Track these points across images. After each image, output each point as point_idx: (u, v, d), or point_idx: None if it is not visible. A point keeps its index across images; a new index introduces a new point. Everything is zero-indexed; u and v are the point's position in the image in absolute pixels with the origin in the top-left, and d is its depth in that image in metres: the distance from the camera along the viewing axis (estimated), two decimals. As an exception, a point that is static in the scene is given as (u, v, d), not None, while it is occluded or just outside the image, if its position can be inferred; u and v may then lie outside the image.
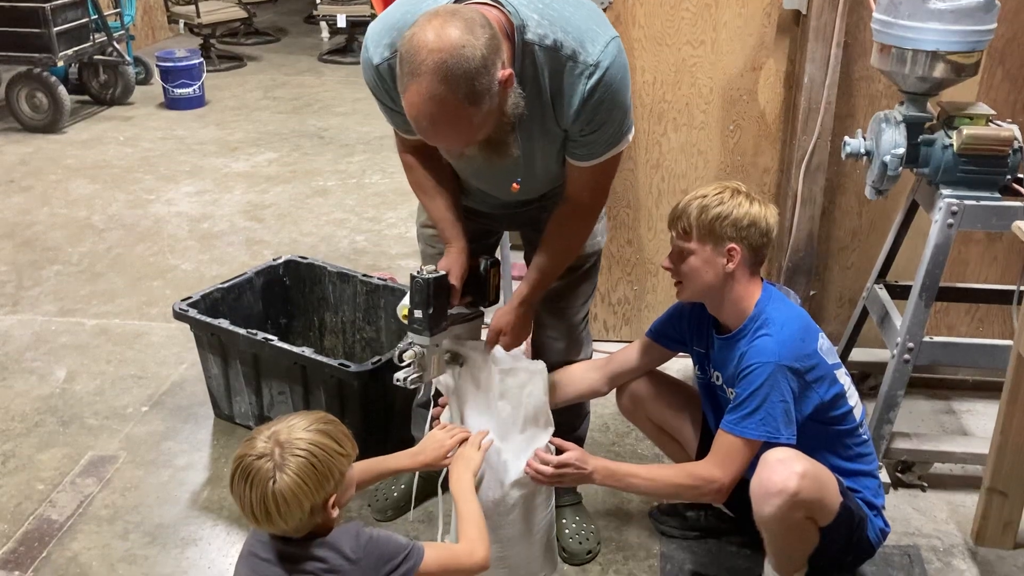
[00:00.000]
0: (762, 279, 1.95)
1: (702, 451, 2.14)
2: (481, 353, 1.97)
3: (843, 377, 1.95)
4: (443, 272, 1.85)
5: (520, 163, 1.78)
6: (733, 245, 1.86)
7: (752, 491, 1.85)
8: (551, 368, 2.04)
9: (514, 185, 1.86)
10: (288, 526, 1.51)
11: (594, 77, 1.67)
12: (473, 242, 2.00)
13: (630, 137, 1.85)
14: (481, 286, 2.00)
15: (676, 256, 1.93)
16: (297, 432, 1.51)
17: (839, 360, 1.97)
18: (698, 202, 1.87)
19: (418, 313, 1.84)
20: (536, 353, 2.21)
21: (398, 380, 1.88)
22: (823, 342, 1.93)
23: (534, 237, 2.07)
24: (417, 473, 2.20)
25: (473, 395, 1.97)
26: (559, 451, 1.95)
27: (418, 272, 1.83)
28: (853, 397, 1.97)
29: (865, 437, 2.01)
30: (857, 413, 1.98)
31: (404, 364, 1.88)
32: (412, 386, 1.90)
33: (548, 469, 1.89)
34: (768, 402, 1.82)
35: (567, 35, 1.66)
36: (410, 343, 1.88)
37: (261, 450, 1.50)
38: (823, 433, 1.93)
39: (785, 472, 1.80)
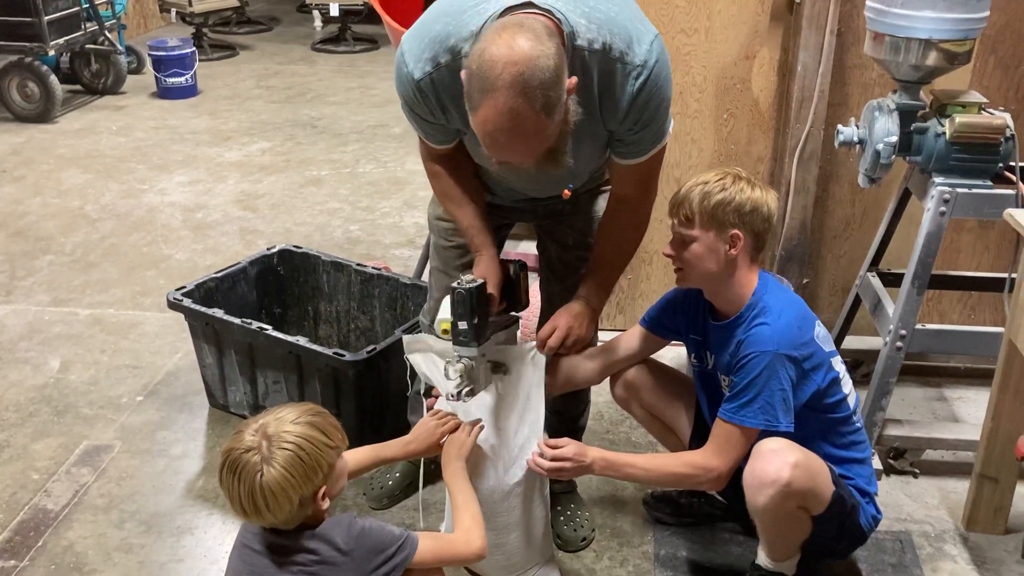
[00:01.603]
0: (759, 267, 1.96)
1: (696, 438, 2.15)
2: (519, 360, 1.97)
3: (838, 365, 1.96)
4: (482, 280, 1.83)
5: (570, 169, 1.77)
6: (736, 231, 1.86)
7: (745, 481, 1.87)
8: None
9: (565, 191, 1.87)
10: (277, 519, 1.51)
11: (642, 77, 1.68)
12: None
13: (671, 131, 1.86)
14: (514, 291, 1.98)
15: (678, 243, 1.92)
16: (285, 425, 1.51)
17: (835, 348, 1.98)
18: (700, 188, 1.87)
19: (462, 325, 1.81)
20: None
21: (451, 396, 1.85)
22: (819, 329, 1.94)
23: (550, 226, 2.07)
24: (421, 460, 2.20)
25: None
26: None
27: (458, 283, 1.80)
28: (847, 385, 1.98)
29: (859, 425, 2.02)
30: (851, 401, 1.99)
31: (453, 379, 1.84)
32: (468, 400, 1.87)
33: (546, 463, 1.89)
34: (766, 390, 1.83)
35: (614, 36, 1.66)
36: (457, 357, 1.84)
37: (248, 443, 1.49)
38: (818, 421, 1.94)
39: (778, 462, 1.81)
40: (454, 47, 1.66)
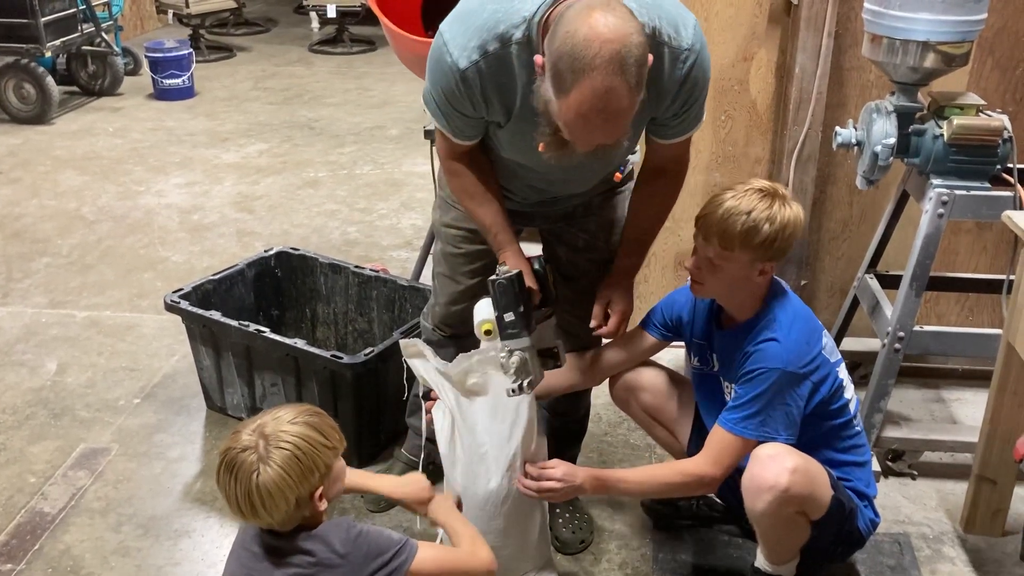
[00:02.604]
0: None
1: (694, 441, 2.15)
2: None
3: (842, 372, 1.96)
4: (518, 270, 1.81)
5: (623, 152, 1.76)
6: (771, 263, 1.85)
7: (744, 487, 1.86)
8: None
9: (617, 175, 1.86)
10: (274, 519, 1.50)
11: (689, 61, 1.69)
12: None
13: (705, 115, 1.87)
14: (543, 286, 1.95)
15: (705, 263, 1.87)
16: (282, 425, 1.51)
17: (840, 356, 1.98)
18: (743, 221, 1.79)
19: (509, 316, 1.79)
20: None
21: (513, 392, 1.83)
22: (827, 340, 1.93)
23: (561, 229, 2.06)
24: (420, 462, 2.20)
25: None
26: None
27: (495, 276, 1.79)
28: (849, 390, 1.98)
29: (859, 429, 2.02)
30: (852, 406, 1.98)
31: (510, 374, 1.82)
32: (531, 391, 1.85)
33: (534, 484, 1.89)
34: (770, 406, 1.83)
35: (662, 21, 1.66)
36: (509, 352, 1.81)
37: (245, 443, 1.49)
38: (819, 426, 1.93)
39: (776, 468, 1.80)
40: (504, 34, 1.63)
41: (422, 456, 2.17)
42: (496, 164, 1.93)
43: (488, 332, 1.84)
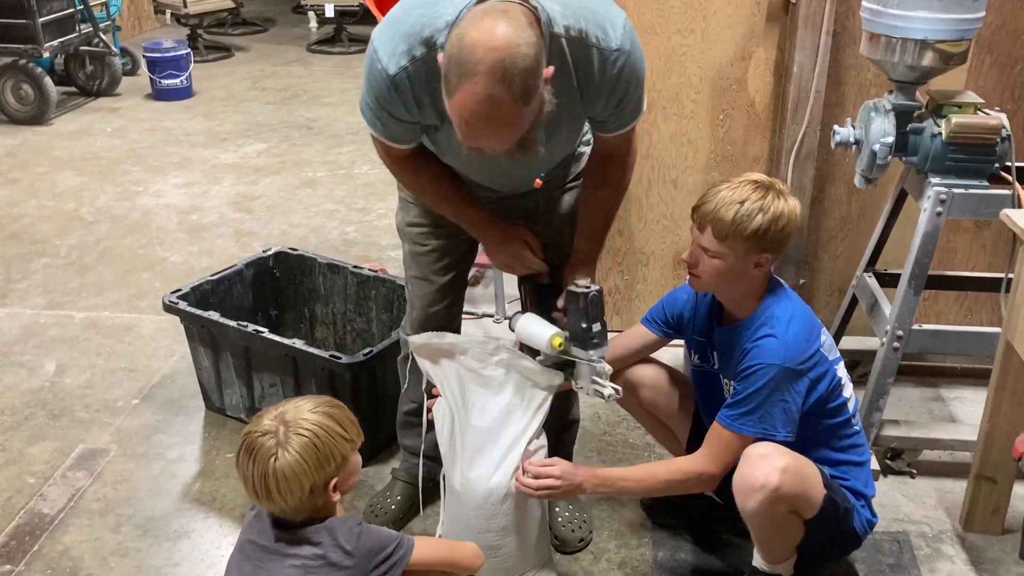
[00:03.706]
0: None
1: (694, 437, 2.15)
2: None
3: (841, 370, 1.96)
4: (599, 286, 1.87)
5: (544, 157, 1.76)
6: (766, 255, 1.85)
7: (735, 486, 1.87)
8: None
9: (537, 180, 1.87)
10: (287, 504, 1.54)
11: (620, 61, 1.70)
12: (458, 236, 2.00)
13: (645, 107, 1.88)
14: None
15: (700, 254, 1.89)
16: (303, 413, 1.56)
17: (839, 355, 1.98)
18: (736, 210, 1.81)
19: (597, 327, 1.84)
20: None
21: (610, 397, 1.88)
22: (825, 338, 1.93)
23: (526, 227, 2.07)
24: (419, 483, 2.21)
25: (474, 390, 1.96)
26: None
27: (583, 288, 1.84)
28: (848, 388, 1.98)
29: (858, 428, 2.02)
30: (851, 405, 1.98)
31: (604, 384, 1.87)
32: (620, 395, 1.89)
33: (533, 482, 1.89)
34: (768, 402, 1.83)
35: (588, 23, 1.66)
36: (595, 360, 1.86)
37: (266, 427, 1.54)
38: (818, 424, 1.93)
39: (767, 467, 1.81)
40: (429, 38, 1.64)
41: (420, 472, 2.17)
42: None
43: (560, 345, 1.87)
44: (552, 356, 1.92)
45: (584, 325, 1.84)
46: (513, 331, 1.99)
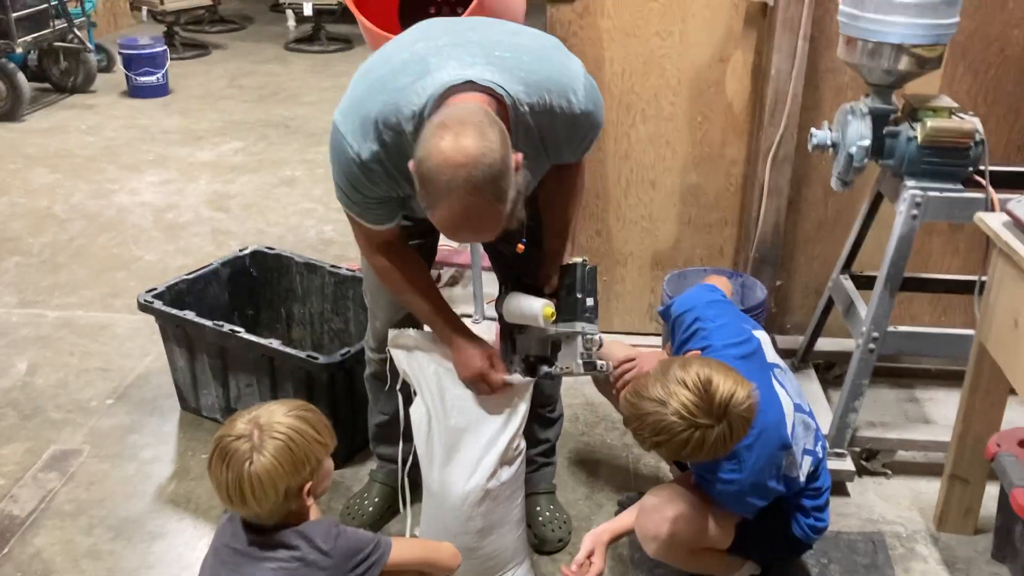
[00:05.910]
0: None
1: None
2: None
3: (817, 445, 1.93)
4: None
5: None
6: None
7: (636, 533, 1.91)
8: None
9: (519, 246, 1.92)
10: (262, 509, 1.53)
11: (585, 121, 1.77)
12: (417, 238, 1.98)
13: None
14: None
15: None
16: (277, 416, 1.55)
17: (817, 426, 1.96)
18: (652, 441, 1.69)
19: (590, 301, 1.86)
20: None
21: (603, 368, 1.88)
22: (797, 430, 1.85)
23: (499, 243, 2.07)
24: (400, 483, 2.19)
25: (452, 389, 1.96)
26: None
27: (579, 260, 1.87)
28: (820, 448, 1.96)
29: (823, 481, 1.99)
30: (822, 470, 1.98)
31: (595, 355, 1.87)
32: (611, 369, 1.91)
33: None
34: (740, 500, 1.85)
35: (551, 95, 1.70)
36: (588, 336, 1.86)
37: (240, 431, 1.53)
38: (794, 496, 1.94)
39: (656, 518, 1.85)
40: (396, 125, 1.65)
41: (400, 476, 2.16)
42: None
43: (552, 314, 1.86)
44: (542, 329, 1.90)
45: (579, 296, 1.85)
46: (500, 312, 1.98)
